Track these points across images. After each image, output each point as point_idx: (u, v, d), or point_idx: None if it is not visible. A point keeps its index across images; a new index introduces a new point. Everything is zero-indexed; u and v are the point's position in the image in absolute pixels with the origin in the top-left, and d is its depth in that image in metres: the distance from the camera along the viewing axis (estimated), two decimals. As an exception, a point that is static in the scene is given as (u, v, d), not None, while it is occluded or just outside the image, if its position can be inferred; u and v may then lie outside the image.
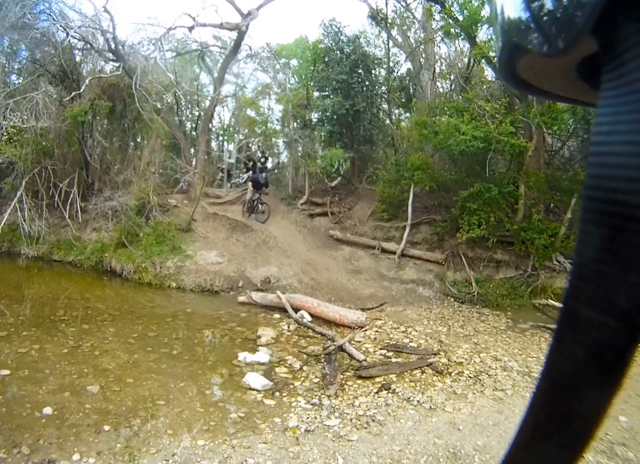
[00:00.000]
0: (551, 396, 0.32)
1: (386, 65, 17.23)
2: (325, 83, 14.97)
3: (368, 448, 4.24)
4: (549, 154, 16.42)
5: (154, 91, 13.11)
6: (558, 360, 0.30)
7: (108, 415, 4.44)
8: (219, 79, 15.54)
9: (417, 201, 13.35)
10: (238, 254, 11.32)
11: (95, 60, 13.75)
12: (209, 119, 16.39)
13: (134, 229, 11.41)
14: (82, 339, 6.52)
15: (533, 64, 0.36)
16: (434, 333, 8.34)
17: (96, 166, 13.10)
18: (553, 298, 10.61)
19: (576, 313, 0.29)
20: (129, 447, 3.89)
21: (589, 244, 0.28)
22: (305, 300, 9.01)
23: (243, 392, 5.38)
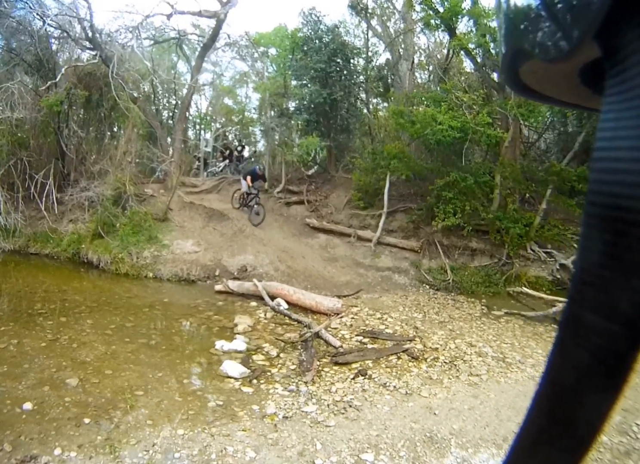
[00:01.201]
0: (553, 401, 0.31)
1: (365, 54, 17.23)
2: (303, 72, 14.89)
3: (346, 433, 4.31)
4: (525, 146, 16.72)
5: (130, 80, 12.87)
6: (560, 364, 0.30)
7: (88, 408, 4.41)
8: (196, 67, 15.32)
9: (393, 189, 13.46)
10: (214, 243, 11.28)
11: (71, 49, 13.43)
12: (185, 108, 16.18)
13: (110, 219, 11.25)
14: (60, 332, 6.44)
15: (536, 69, 0.36)
16: (409, 320, 8.46)
17: (72, 156, 12.83)
18: (527, 286, 10.86)
19: (578, 318, 0.28)
20: (110, 439, 3.88)
21: (592, 249, 0.27)
22: (282, 287, 9.05)
23: (221, 380, 5.40)
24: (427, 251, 12.31)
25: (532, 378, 6.10)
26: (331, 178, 15.56)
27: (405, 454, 4.01)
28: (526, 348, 7.38)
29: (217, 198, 14.43)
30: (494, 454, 4.13)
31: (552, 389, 0.31)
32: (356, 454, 3.96)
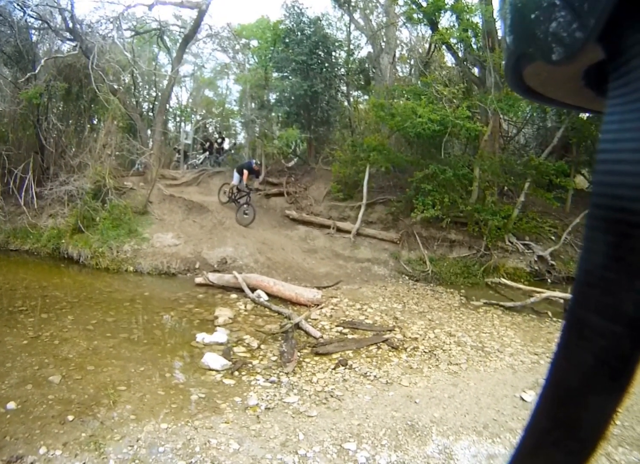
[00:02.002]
0: (557, 402, 0.32)
1: (347, 47, 17.30)
2: (285, 64, 14.88)
3: (328, 423, 4.35)
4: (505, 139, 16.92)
5: (111, 71, 12.71)
6: (564, 366, 0.31)
7: (71, 405, 4.38)
8: (177, 58, 15.14)
9: (372, 181, 13.54)
10: (194, 235, 11.23)
11: (52, 40, 13.16)
12: (166, 99, 16.05)
13: (90, 213, 11.12)
14: (42, 329, 6.37)
15: (540, 71, 0.36)
16: (389, 310, 8.55)
17: (52, 150, 12.62)
18: (505, 277, 11.07)
19: (582, 320, 0.29)
20: (94, 436, 3.86)
21: (595, 251, 0.28)
22: (262, 279, 9.07)
23: (202, 373, 5.40)
24: (406, 242, 12.46)
25: (511, 366, 6.21)
26: (311, 170, 15.59)
27: (387, 443, 4.06)
28: (505, 337, 7.50)
29: (197, 191, 14.37)
30: (475, 441, 4.20)
31: (556, 391, 0.32)
32: (339, 443, 4.00)
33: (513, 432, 4.39)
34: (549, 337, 7.60)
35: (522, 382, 5.65)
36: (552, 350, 5.40)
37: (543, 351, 6.85)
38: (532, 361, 6.44)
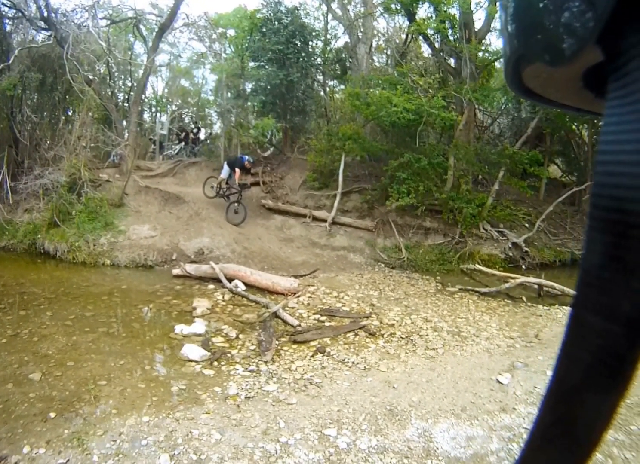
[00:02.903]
0: (559, 400, 0.32)
1: (324, 37, 17.24)
2: (261, 53, 14.76)
3: (308, 410, 4.39)
4: (480, 129, 17.14)
5: (86, 61, 12.46)
6: (565, 365, 0.31)
7: (52, 402, 4.34)
8: (153, 48, 14.86)
9: (348, 170, 13.61)
10: (171, 227, 11.14)
11: (26, 30, 12.84)
12: (141, 89, 15.78)
13: (65, 207, 10.91)
14: (20, 326, 6.27)
15: (539, 73, 0.36)
16: (365, 297, 8.65)
17: (26, 143, 12.30)
18: (480, 263, 11.25)
19: (581, 319, 0.29)
20: (77, 432, 3.84)
21: (594, 251, 0.28)
22: (239, 269, 9.08)
23: (182, 364, 5.40)
24: (381, 230, 12.61)
25: (487, 350, 6.32)
26: (287, 160, 15.57)
27: (367, 428, 4.11)
28: (480, 322, 7.63)
29: (173, 182, 14.25)
30: (453, 424, 4.26)
31: (558, 389, 0.32)
32: (319, 430, 4.04)
33: (490, 414, 4.48)
34: (524, 321, 7.77)
35: (498, 365, 5.74)
36: (527, 333, 5.58)
37: (518, 335, 7.00)
38: (508, 345, 6.56)
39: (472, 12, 13.06)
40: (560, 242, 13.43)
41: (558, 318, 8.06)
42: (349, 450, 3.77)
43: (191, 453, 3.60)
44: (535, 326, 7.54)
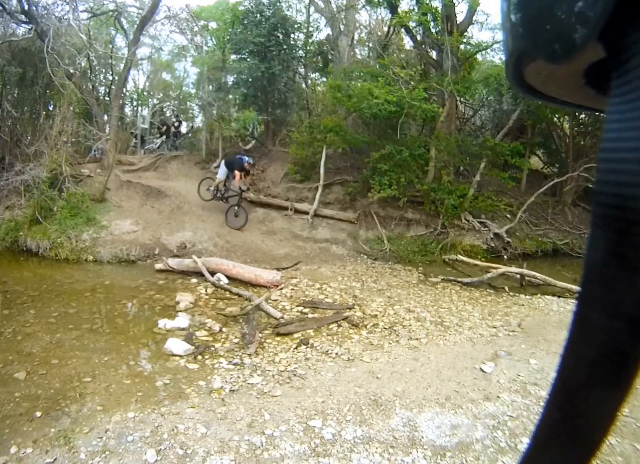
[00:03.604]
0: (565, 398, 0.32)
1: (305, 29, 17.18)
2: (243, 46, 14.62)
3: (292, 401, 4.41)
4: (461, 121, 17.23)
5: (66, 55, 12.19)
6: (570, 362, 0.31)
7: (38, 401, 4.30)
8: (134, 40, 14.65)
9: (329, 162, 13.62)
10: (153, 221, 11.06)
11: (6, 23, 12.50)
12: (122, 83, 15.56)
13: (47, 203, 10.72)
14: (4, 325, 6.18)
15: (540, 70, 0.36)
16: (348, 289, 8.68)
17: (7, 139, 12.03)
18: (462, 254, 11.37)
19: (586, 316, 0.29)
20: (63, 430, 3.82)
21: (597, 248, 0.28)
22: (221, 262, 9.06)
23: (166, 359, 5.38)
24: (363, 222, 12.64)
25: (470, 339, 6.39)
26: (268, 152, 15.52)
27: (352, 418, 4.13)
28: (463, 312, 7.70)
29: (154, 176, 14.09)
30: (438, 413, 4.30)
31: (563, 386, 0.32)
32: (304, 421, 4.06)
33: (474, 402, 4.53)
34: (506, 311, 7.86)
35: (482, 354, 5.80)
36: (509, 322, 5.65)
37: (501, 324, 7.07)
38: (491, 334, 6.63)
39: (454, 4, 13.13)
40: (541, 233, 13.61)
41: (540, 307, 8.17)
42: (334, 441, 3.80)
43: (177, 447, 3.60)
44: (517, 315, 7.63)
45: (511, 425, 4.15)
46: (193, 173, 14.58)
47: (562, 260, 12.65)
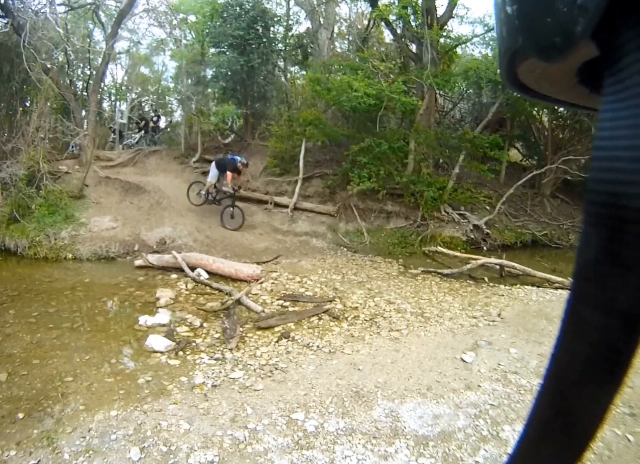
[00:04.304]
0: (557, 395, 0.33)
1: (285, 22, 17.07)
2: (222, 39, 14.50)
3: (274, 395, 4.42)
4: (440, 114, 17.34)
5: (43, 49, 11.92)
6: (562, 358, 0.31)
7: (20, 402, 4.25)
8: (111, 34, 14.38)
9: (309, 156, 13.66)
10: (132, 217, 10.95)
11: None
12: (100, 77, 15.28)
13: (25, 201, 10.49)
14: None
15: (534, 68, 0.36)
16: (328, 282, 8.71)
17: None
18: (442, 245, 11.46)
19: (578, 314, 0.30)
20: (46, 431, 3.78)
21: (590, 246, 0.28)
22: (201, 257, 9.02)
23: (147, 356, 5.35)
24: (343, 215, 12.74)
25: (451, 330, 6.45)
26: (247, 146, 15.46)
27: (334, 410, 4.16)
28: (443, 302, 7.78)
29: (133, 171, 13.97)
30: (420, 403, 4.33)
31: (555, 384, 0.33)
32: (287, 414, 4.07)
33: (456, 392, 4.57)
34: (486, 301, 7.96)
35: (462, 344, 5.85)
36: (489, 312, 5.72)
37: (481, 315, 7.15)
38: (471, 324, 6.71)
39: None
40: (521, 224, 13.78)
41: (520, 297, 8.28)
42: (317, 433, 3.81)
43: (161, 444, 3.59)
44: (497, 305, 7.71)
45: (493, 414, 4.20)
46: (172, 168, 14.52)
47: (541, 251, 12.87)
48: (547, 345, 5.83)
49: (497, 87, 14.18)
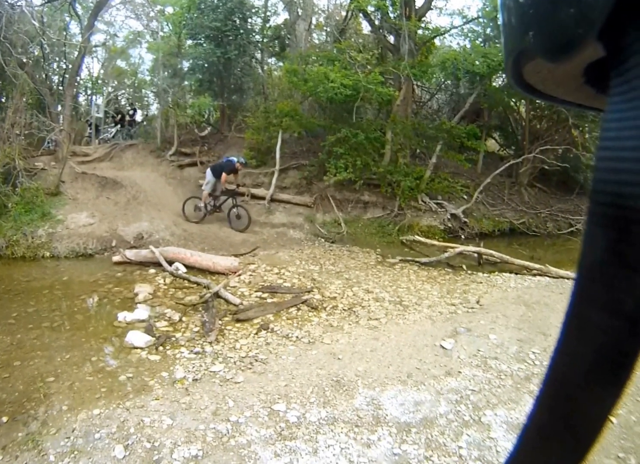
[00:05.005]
0: (557, 398, 0.32)
1: (263, 14, 17.08)
2: (199, 31, 14.43)
3: (255, 387, 4.43)
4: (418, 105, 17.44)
5: (19, 43, 11.69)
6: (566, 362, 0.31)
7: (3, 405, 4.19)
8: (88, 26, 14.06)
9: (285, 147, 13.67)
10: (109, 213, 10.82)
11: None
12: (75, 71, 14.95)
13: (1, 200, 10.29)
14: None
15: (540, 69, 0.36)
16: (306, 272, 8.73)
17: None
18: (420, 234, 11.55)
19: (582, 315, 0.29)
20: (30, 433, 3.74)
21: (595, 247, 0.28)
22: (178, 251, 8.97)
23: (127, 352, 5.31)
24: (320, 206, 12.77)
25: (429, 317, 6.51)
26: (224, 139, 15.48)
27: (316, 400, 4.19)
28: (421, 290, 7.84)
29: (109, 166, 13.82)
30: (401, 390, 4.38)
31: (558, 386, 0.32)
32: (268, 406, 4.09)
33: (436, 378, 4.63)
34: (464, 288, 8.06)
35: (441, 331, 5.92)
36: (468, 300, 5.89)
37: (460, 302, 7.24)
38: (450, 311, 6.78)
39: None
40: (498, 212, 13.97)
41: (498, 284, 8.40)
42: (299, 423, 3.84)
43: (145, 441, 3.59)
44: (476, 292, 7.82)
45: (474, 399, 4.28)
46: (148, 162, 14.40)
47: (519, 239, 13.08)
48: (527, 330, 5.96)
49: (474, 78, 14.32)
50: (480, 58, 12.27)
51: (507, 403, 4.24)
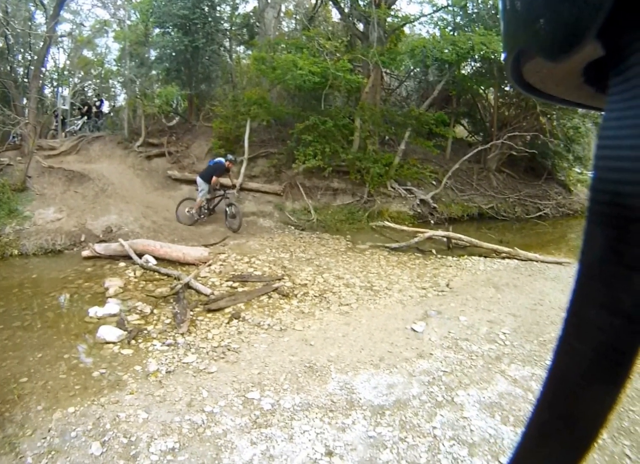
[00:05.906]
0: (557, 396, 0.32)
1: (232, 2, 16.81)
2: (166, 19, 14.13)
3: (229, 376, 4.47)
4: (387, 92, 17.50)
5: None
6: (564, 360, 0.31)
7: None
8: (53, 16, 13.66)
9: (254, 136, 13.60)
10: (77, 207, 10.63)
11: None
12: (41, 62, 14.47)
13: None
14: None
15: (539, 68, 0.36)
16: (277, 260, 8.76)
17: None
18: (390, 220, 11.65)
19: (582, 314, 0.29)
20: (7, 436, 3.70)
21: (594, 245, 0.28)
22: (148, 243, 8.89)
23: (100, 348, 5.28)
24: (289, 193, 12.82)
25: (400, 301, 6.63)
26: (192, 128, 15.33)
27: (289, 387, 4.25)
28: (392, 275, 7.96)
29: (76, 159, 13.54)
30: (373, 374, 4.47)
31: (558, 385, 0.32)
32: (242, 394, 4.13)
33: (408, 361, 4.74)
34: (434, 272, 8.21)
35: (412, 315, 6.04)
36: (438, 283, 6.18)
37: (430, 285, 7.39)
38: (420, 295, 6.91)
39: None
40: (467, 198, 14.21)
41: (467, 268, 8.60)
42: (274, 411, 3.90)
43: (121, 436, 3.59)
44: (445, 276, 7.98)
45: (446, 380, 4.39)
46: (116, 154, 14.15)
47: (488, 223, 13.34)
48: (496, 311, 6.14)
49: (443, 66, 14.43)
50: (450, 46, 12.35)
51: (479, 383, 4.37)
